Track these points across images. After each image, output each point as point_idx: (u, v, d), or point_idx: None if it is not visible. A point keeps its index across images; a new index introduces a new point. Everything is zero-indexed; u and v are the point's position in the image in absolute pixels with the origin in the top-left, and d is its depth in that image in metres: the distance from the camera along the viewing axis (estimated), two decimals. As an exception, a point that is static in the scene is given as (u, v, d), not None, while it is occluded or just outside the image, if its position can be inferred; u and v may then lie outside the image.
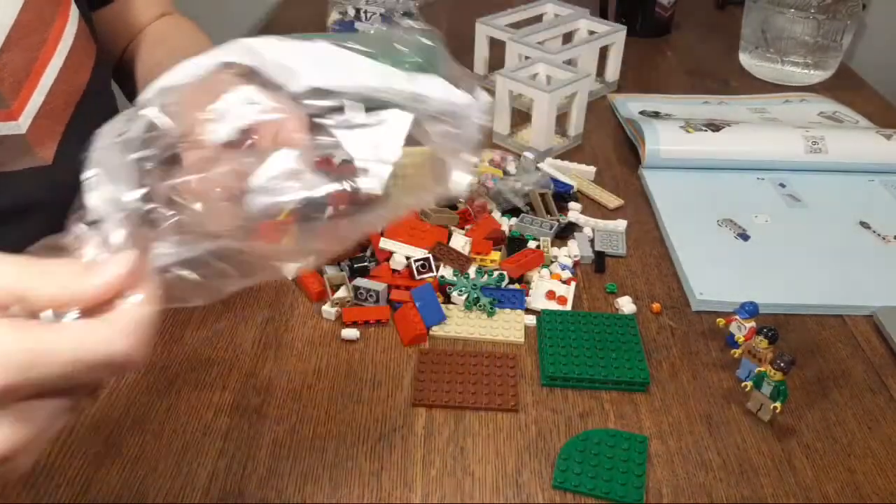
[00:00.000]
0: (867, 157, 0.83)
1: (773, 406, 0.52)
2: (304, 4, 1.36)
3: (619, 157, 0.88)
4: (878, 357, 0.60)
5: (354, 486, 0.48)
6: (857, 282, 0.67)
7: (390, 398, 0.55)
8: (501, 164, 0.81)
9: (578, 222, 0.74)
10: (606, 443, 0.51)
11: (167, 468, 0.49)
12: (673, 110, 0.97)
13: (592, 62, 0.97)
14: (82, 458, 0.49)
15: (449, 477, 0.49)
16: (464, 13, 1.30)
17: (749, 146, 0.83)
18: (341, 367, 0.58)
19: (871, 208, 0.77)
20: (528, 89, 0.82)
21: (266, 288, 0.65)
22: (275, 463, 0.50)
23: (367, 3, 1.20)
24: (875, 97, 1.06)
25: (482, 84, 1.05)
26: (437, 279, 0.64)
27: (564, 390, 0.56)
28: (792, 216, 0.76)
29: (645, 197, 0.80)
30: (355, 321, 0.61)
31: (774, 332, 0.54)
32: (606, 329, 0.60)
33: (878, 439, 0.52)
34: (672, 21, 1.26)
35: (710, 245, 0.71)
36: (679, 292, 0.66)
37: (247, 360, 0.58)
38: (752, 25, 1.09)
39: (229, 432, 0.52)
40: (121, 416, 0.53)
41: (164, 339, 0.59)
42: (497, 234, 0.69)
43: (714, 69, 1.13)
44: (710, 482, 0.49)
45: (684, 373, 0.58)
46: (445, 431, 0.52)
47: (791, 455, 0.51)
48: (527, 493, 0.48)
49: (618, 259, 0.70)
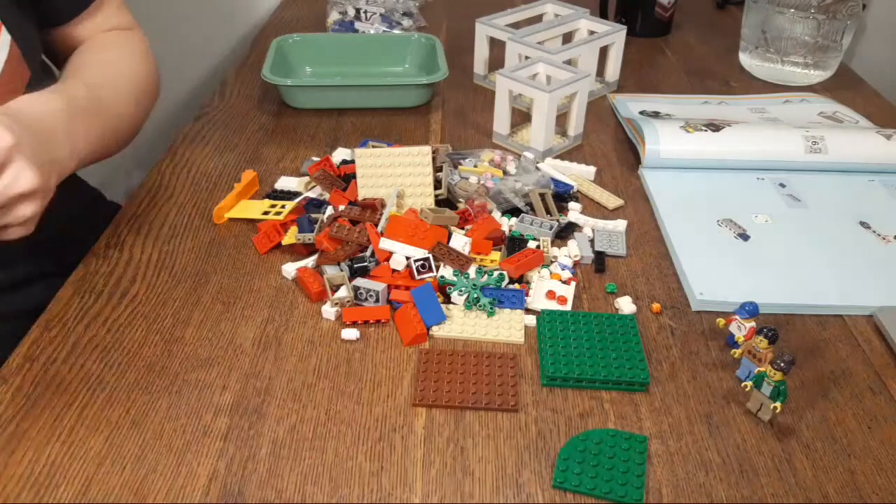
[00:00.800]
0: (867, 157, 0.83)
1: (773, 406, 0.52)
2: (304, 4, 1.36)
3: (619, 157, 0.88)
4: (878, 357, 0.60)
5: (354, 486, 0.48)
6: (857, 282, 0.67)
7: (390, 398, 0.55)
8: (501, 164, 0.81)
9: (578, 222, 0.74)
10: (606, 443, 0.51)
11: (167, 468, 0.49)
12: (673, 110, 0.97)
13: (592, 62, 0.97)
14: (82, 458, 0.50)
15: (449, 477, 0.49)
16: (464, 13, 1.30)
17: (749, 146, 0.83)
18: (341, 367, 0.58)
19: (871, 208, 0.77)
20: (528, 89, 0.82)
21: (266, 288, 0.65)
22: (275, 463, 0.50)
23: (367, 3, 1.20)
24: (875, 97, 1.06)
25: (482, 84, 1.05)
26: (437, 279, 0.64)
27: (564, 390, 0.56)
28: (792, 216, 0.76)
29: (645, 197, 0.80)
30: (355, 321, 0.61)
31: (774, 332, 0.54)
32: (606, 329, 0.60)
33: (878, 439, 0.53)
34: (672, 21, 1.26)
35: (710, 245, 0.71)
36: (679, 292, 0.66)
37: (247, 360, 0.58)
38: (752, 25, 1.09)
39: (229, 432, 0.52)
40: (121, 417, 0.53)
41: (164, 338, 0.59)
42: (497, 234, 0.69)
43: (714, 69, 1.13)
44: (710, 482, 0.49)
45: (684, 373, 0.58)
46: (445, 431, 0.52)
47: (791, 455, 0.51)
48: (527, 493, 0.48)
49: (618, 259, 0.70)
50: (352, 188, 0.72)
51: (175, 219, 0.74)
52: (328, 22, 1.21)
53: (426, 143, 0.88)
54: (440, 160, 0.76)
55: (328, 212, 0.71)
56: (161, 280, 0.66)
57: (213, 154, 0.86)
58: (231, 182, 0.80)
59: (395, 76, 1.06)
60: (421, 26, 1.24)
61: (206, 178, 0.82)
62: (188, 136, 0.90)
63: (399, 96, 0.96)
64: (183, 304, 0.63)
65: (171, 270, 0.67)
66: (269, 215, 0.73)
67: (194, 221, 0.74)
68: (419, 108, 0.98)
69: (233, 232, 0.73)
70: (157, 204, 0.77)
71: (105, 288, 0.65)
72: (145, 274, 0.67)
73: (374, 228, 0.67)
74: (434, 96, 1.00)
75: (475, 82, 1.06)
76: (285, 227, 0.71)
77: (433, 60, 1.00)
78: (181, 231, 0.73)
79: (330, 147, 0.88)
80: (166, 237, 0.72)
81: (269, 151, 0.87)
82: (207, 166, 0.84)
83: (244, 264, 0.68)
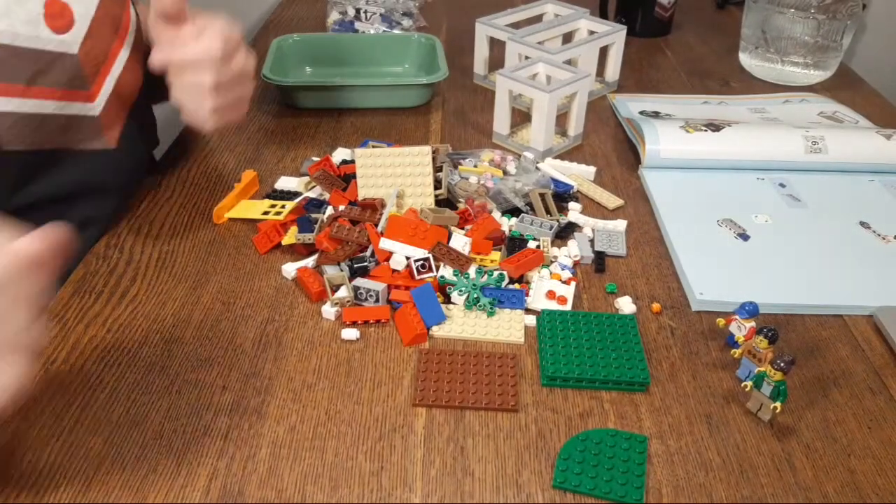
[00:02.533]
0: (867, 157, 0.83)
1: (773, 406, 0.52)
2: (304, 4, 1.36)
3: (619, 157, 0.88)
4: (878, 357, 0.60)
5: (354, 486, 0.48)
6: (857, 282, 0.67)
7: (390, 398, 0.55)
8: (501, 164, 0.81)
9: (578, 222, 0.74)
10: (606, 443, 0.51)
11: (167, 468, 0.49)
12: (673, 110, 0.97)
13: (592, 62, 0.97)
14: (82, 458, 0.49)
15: (449, 477, 0.49)
16: (464, 13, 1.30)
17: (749, 146, 0.83)
18: (341, 367, 0.58)
19: (871, 208, 0.77)
20: (528, 89, 0.82)
21: (266, 288, 0.65)
22: (275, 463, 0.50)
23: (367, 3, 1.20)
24: (875, 97, 1.06)
25: (482, 84, 1.05)
26: (437, 279, 0.64)
27: (564, 390, 0.56)
28: (792, 216, 0.76)
29: (645, 197, 0.80)
30: (355, 321, 0.61)
31: (774, 332, 0.54)
32: (606, 329, 0.60)
33: (878, 439, 0.53)
34: (672, 21, 1.26)
35: (710, 245, 0.71)
36: (679, 292, 0.66)
37: (247, 360, 0.58)
38: (752, 25, 1.09)
39: (229, 432, 0.52)
40: (121, 416, 0.53)
41: (164, 338, 0.59)
42: (497, 234, 0.69)
43: (714, 69, 1.13)
44: (710, 482, 0.49)
45: (684, 373, 0.58)
46: (445, 431, 0.52)
47: (791, 455, 0.51)
48: (527, 493, 0.48)
49: (618, 259, 0.70)
50: (352, 188, 0.72)
51: (175, 219, 0.74)
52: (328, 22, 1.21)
53: (426, 143, 0.88)
54: (440, 160, 0.76)
55: (328, 212, 0.71)
56: (161, 280, 0.66)
57: (213, 154, 0.86)
58: (231, 182, 0.80)
59: (395, 76, 1.06)
60: (421, 26, 1.24)
61: (206, 178, 0.82)
62: (188, 135, 0.90)
63: (399, 96, 0.96)
64: (183, 304, 0.63)
65: (171, 270, 0.67)
66: (269, 215, 0.73)
67: (194, 221, 0.74)
68: (419, 108, 0.98)
69: (233, 232, 0.73)
70: (157, 204, 0.77)
71: (105, 288, 0.65)
72: (145, 274, 0.67)
73: (374, 228, 0.67)
74: (434, 96, 1.00)
75: (475, 82, 1.06)
76: (285, 227, 0.71)
77: (433, 60, 1.00)
78: (181, 231, 0.73)
79: (330, 147, 0.88)
80: (166, 237, 0.72)
81: (269, 151, 0.87)
82: (207, 166, 0.84)
83: (244, 264, 0.68)
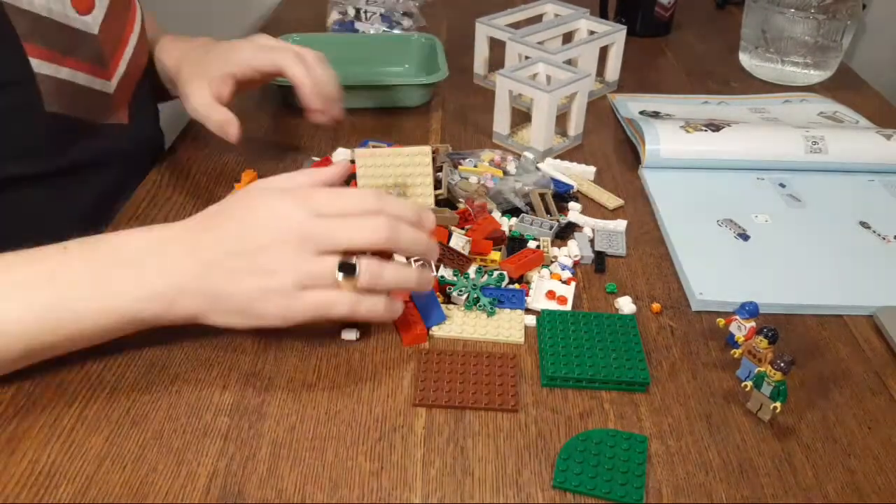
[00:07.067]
0: (867, 157, 0.83)
1: (773, 406, 0.52)
2: (304, 4, 1.36)
3: (619, 157, 0.88)
4: (878, 357, 0.60)
5: (354, 486, 0.48)
6: (857, 282, 0.67)
7: (390, 398, 0.55)
8: (501, 164, 0.81)
9: (578, 222, 0.74)
10: (606, 443, 0.51)
11: (167, 468, 0.49)
12: (673, 110, 0.97)
13: (592, 62, 0.97)
14: (82, 458, 0.49)
15: (449, 477, 0.49)
16: (464, 13, 1.30)
17: (749, 146, 0.83)
18: (341, 367, 0.58)
19: (871, 208, 0.77)
20: (528, 89, 0.82)
21: (266, 288, 0.65)
22: (275, 463, 0.50)
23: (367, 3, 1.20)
24: (875, 97, 1.06)
25: (482, 84, 1.05)
26: (437, 279, 0.64)
27: (564, 390, 0.56)
28: (792, 216, 0.76)
29: (645, 197, 0.80)
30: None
31: (774, 332, 0.54)
32: (606, 329, 0.60)
33: (878, 439, 0.52)
34: (672, 21, 1.26)
35: (710, 245, 0.71)
36: (679, 292, 0.66)
37: (247, 360, 0.58)
38: (752, 25, 1.09)
39: (229, 432, 0.52)
40: (121, 416, 0.53)
41: (164, 338, 0.59)
42: (497, 234, 0.69)
43: (714, 69, 1.13)
44: (710, 482, 0.49)
45: (684, 373, 0.58)
46: (445, 431, 0.52)
47: (791, 455, 0.51)
48: (527, 493, 0.48)
49: (618, 259, 0.70)
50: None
51: (175, 219, 0.74)
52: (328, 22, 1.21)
53: (426, 143, 0.88)
54: (440, 160, 0.76)
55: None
56: (161, 280, 0.66)
57: (213, 154, 0.86)
58: (231, 182, 0.80)
59: (395, 76, 1.06)
60: (421, 26, 1.24)
61: (206, 177, 0.82)
62: (188, 135, 0.90)
63: (399, 96, 0.96)
64: (183, 304, 0.63)
65: (171, 270, 0.67)
66: (269, 215, 0.73)
67: (194, 221, 0.74)
68: (419, 108, 0.98)
69: (233, 232, 0.73)
70: (157, 204, 0.77)
71: (105, 288, 0.65)
72: (145, 274, 0.67)
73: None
74: (434, 96, 1.00)
75: (475, 82, 1.06)
76: (285, 227, 0.70)
77: (433, 60, 1.00)
78: (181, 231, 0.72)
79: (330, 147, 0.88)
80: (166, 237, 0.71)
81: (269, 152, 0.87)
82: (207, 166, 0.84)
83: (244, 264, 0.68)
